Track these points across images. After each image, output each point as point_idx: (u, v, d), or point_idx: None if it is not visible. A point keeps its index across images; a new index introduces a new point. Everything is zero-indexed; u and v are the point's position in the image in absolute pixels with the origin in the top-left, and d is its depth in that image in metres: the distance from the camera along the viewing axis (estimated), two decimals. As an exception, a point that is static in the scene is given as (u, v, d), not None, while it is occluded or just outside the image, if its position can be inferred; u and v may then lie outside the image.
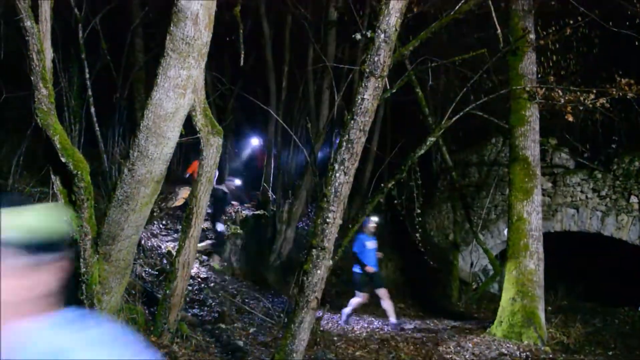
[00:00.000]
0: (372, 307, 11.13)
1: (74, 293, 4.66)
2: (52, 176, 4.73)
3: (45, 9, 4.37)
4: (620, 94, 8.23)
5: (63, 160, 4.40)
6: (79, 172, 4.45)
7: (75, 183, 4.48)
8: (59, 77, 7.93)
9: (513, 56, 9.05)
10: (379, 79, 4.37)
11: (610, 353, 7.86)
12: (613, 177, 10.75)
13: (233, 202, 12.75)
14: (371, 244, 9.26)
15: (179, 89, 4.12)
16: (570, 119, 8.99)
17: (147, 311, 5.91)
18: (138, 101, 11.53)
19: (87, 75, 8.58)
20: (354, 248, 9.13)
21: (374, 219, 9.87)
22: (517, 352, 7.70)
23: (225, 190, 11.33)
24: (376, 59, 4.33)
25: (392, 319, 9.32)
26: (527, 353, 7.69)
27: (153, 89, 4.14)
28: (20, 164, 6.82)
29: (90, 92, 8.50)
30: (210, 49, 4.27)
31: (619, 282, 10.76)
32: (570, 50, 11.84)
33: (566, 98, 8.63)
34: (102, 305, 4.73)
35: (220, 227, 11.03)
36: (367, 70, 4.39)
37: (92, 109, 8.43)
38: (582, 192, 11.17)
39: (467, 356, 7.61)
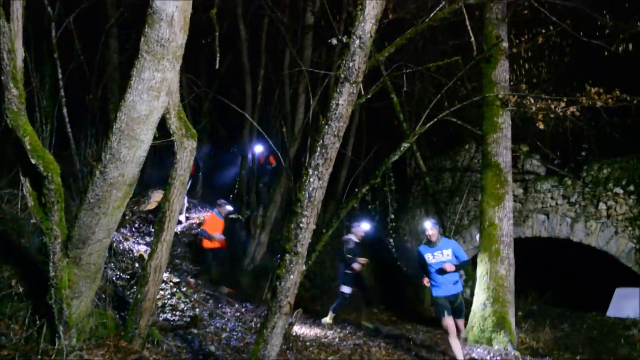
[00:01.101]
0: (346, 311, 11.17)
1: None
2: (22, 178, 4.64)
3: (17, 7, 4.28)
4: (590, 102, 8.42)
5: (33, 161, 4.33)
6: (50, 174, 4.37)
7: (45, 185, 4.40)
8: (30, 77, 7.79)
9: (486, 64, 9.20)
10: (354, 85, 4.39)
11: (578, 357, 8.02)
12: (582, 184, 10.96)
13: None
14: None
15: (153, 92, 4.08)
16: (542, 126, 9.15)
17: (117, 316, 5.82)
18: (112, 102, 11.39)
19: (60, 76, 8.45)
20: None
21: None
22: (488, 357, 7.79)
23: (355, 239, 9.72)
24: (351, 64, 4.35)
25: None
26: (498, 357, 7.79)
27: (126, 91, 4.09)
28: (-11, 164, 6.70)
29: (62, 93, 8.37)
30: (186, 51, 4.24)
31: (588, 287, 10.96)
32: (542, 59, 12.08)
33: (537, 106, 8.79)
34: (72, 310, 4.65)
35: (346, 289, 9.67)
36: (342, 75, 4.40)
37: (65, 110, 8.30)
38: (552, 198, 11.37)
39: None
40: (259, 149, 14.23)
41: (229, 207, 11.30)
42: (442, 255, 6.97)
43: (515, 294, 8.89)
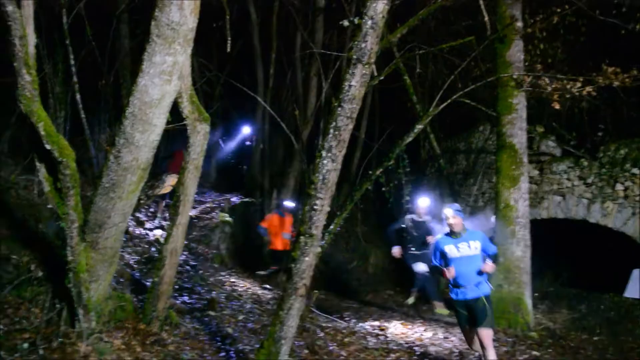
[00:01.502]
0: (360, 295, 11.21)
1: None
2: (37, 164, 4.68)
3: (28, -6, 4.29)
4: (607, 82, 8.28)
5: (48, 147, 4.36)
6: (65, 160, 4.40)
7: (60, 170, 4.43)
8: (42, 63, 7.82)
9: (500, 44, 9.06)
10: (366, 66, 4.36)
11: (595, 338, 7.97)
12: (599, 165, 10.83)
13: None
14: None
15: (165, 75, 4.08)
16: (557, 107, 9.03)
17: (135, 299, 5.90)
18: (124, 88, 11.41)
19: (72, 62, 8.48)
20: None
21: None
22: (504, 338, 7.78)
23: (418, 218, 9.62)
24: (363, 45, 4.32)
25: None
26: (514, 339, 7.78)
27: (138, 76, 4.10)
28: (4, 151, 6.75)
29: (75, 79, 8.40)
30: (197, 35, 4.23)
31: (605, 269, 10.88)
32: (557, 39, 11.87)
33: (553, 86, 8.66)
34: (90, 293, 4.71)
35: (420, 267, 9.33)
36: (355, 57, 4.37)
37: (78, 96, 8.34)
38: (568, 179, 11.25)
39: (455, 342, 7.68)
40: (246, 130, 14.08)
41: (289, 203, 11.14)
42: (469, 248, 5.87)
43: (532, 276, 8.86)
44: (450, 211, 5.95)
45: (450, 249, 5.94)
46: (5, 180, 6.45)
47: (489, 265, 5.77)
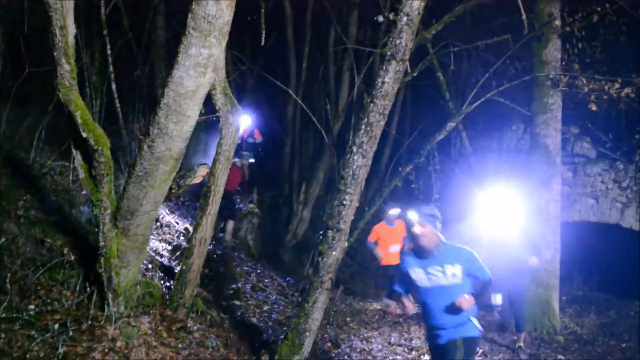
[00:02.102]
0: (384, 291, 11.18)
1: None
2: (73, 151, 4.78)
3: (69, -16, 4.38)
4: (646, 84, 8.09)
5: (84, 135, 4.45)
6: (100, 148, 4.49)
7: (95, 158, 4.53)
8: (81, 53, 7.98)
9: (537, 42, 8.92)
10: (400, 63, 4.35)
11: (623, 345, 7.83)
12: (635, 168, 10.60)
13: None
14: None
15: (200, 68, 4.12)
16: (594, 108, 8.85)
17: (163, 286, 6.00)
18: (158, 78, 11.56)
19: (109, 52, 8.62)
20: None
21: None
22: (530, 341, 7.70)
23: None
24: (398, 42, 4.30)
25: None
26: (539, 342, 7.70)
27: (174, 67, 4.15)
28: (42, 138, 6.91)
29: (111, 69, 8.55)
30: (232, 28, 4.26)
31: (636, 275, 10.65)
32: (596, 38, 11.60)
33: (590, 87, 8.50)
34: (120, 279, 4.81)
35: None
36: (389, 53, 4.36)
37: (113, 86, 8.48)
38: (602, 182, 11.03)
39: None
40: (246, 121, 13.21)
41: (394, 211, 9.53)
42: (443, 275, 4.08)
43: (561, 279, 8.73)
44: (415, 216, 4.09)
45: (417, 274, 4.18)
46: (42, 165, 6.61)
47: (465, 300, 3.95)
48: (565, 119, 9.34)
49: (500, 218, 7.01)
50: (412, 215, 4.08)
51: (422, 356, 6.79)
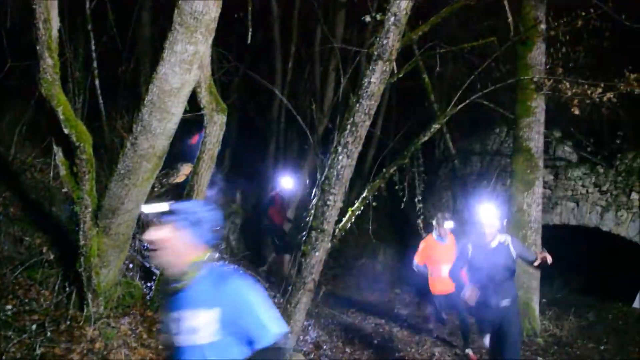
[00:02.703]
0: (366, 293, 11.19)
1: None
2: (55, 147, 4.71)
3: (53, -23, 4.30)
4: (628, 89, 8.16)
5: (66, 131, 4.38)
6: (82, 144, 4.43)
7: (77, 155, 4.46)
8: (64, 47, 7.86)
9: (522, 46, 8.97)
10: (387, 63, 4.34)
11: (602, 347, 7.91)
12: (615, 172, 10.71)
13: None
14: None
15: (185, 64, 4.07)
16: (577, 112, 8.91)
17: (144, 286, 5.92)
18: (143, 75, 11.42)
19: (93, 47, 8.51)
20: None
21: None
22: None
23: None
24: (385, 42, 4.30)
25: None
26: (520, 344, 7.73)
27: (159, 64, 4.10)
28: (23, 134, 6.79)
29: (95, 65, 8.44)
30: (218, 25, 4.22)
31: (615, 278, 10.78)
32: (580, 43, 11.71)
33: (573, 91, 8.55)
34: (100, 278, 4.74)
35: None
36: (375, 53, 4.35)
37: (97, 82, 8.37)
38: (583, 186, 11.14)
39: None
40: (289, 183, 11.55)
41: (449, 223, 7.82)
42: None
43: (540, 281, 8.79)
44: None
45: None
46: (22, 162, 6.50)
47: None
48: (547, 123, 9.41)
49: (483, 220, 7.00)
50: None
51: (405, 357, 6.79)
